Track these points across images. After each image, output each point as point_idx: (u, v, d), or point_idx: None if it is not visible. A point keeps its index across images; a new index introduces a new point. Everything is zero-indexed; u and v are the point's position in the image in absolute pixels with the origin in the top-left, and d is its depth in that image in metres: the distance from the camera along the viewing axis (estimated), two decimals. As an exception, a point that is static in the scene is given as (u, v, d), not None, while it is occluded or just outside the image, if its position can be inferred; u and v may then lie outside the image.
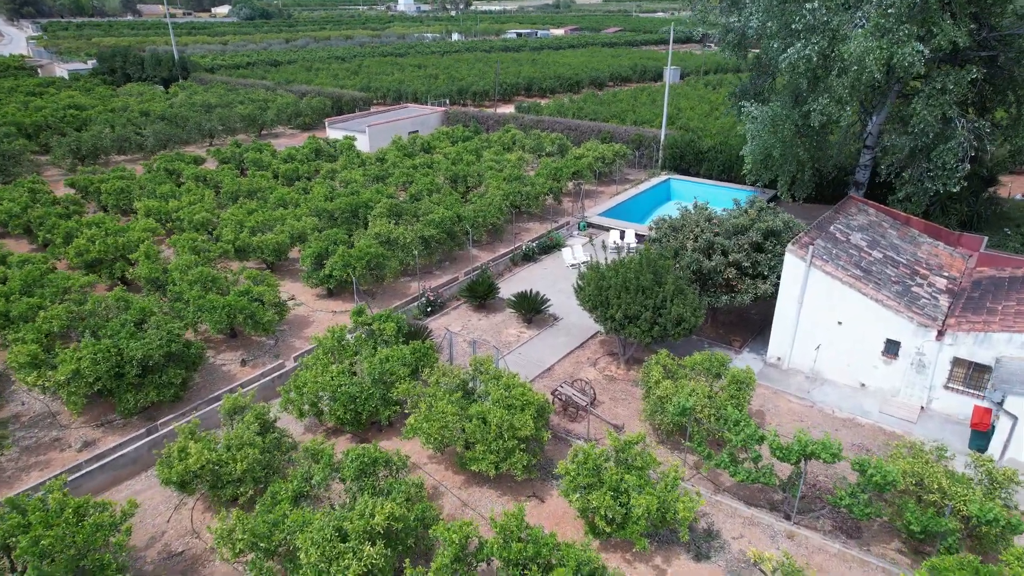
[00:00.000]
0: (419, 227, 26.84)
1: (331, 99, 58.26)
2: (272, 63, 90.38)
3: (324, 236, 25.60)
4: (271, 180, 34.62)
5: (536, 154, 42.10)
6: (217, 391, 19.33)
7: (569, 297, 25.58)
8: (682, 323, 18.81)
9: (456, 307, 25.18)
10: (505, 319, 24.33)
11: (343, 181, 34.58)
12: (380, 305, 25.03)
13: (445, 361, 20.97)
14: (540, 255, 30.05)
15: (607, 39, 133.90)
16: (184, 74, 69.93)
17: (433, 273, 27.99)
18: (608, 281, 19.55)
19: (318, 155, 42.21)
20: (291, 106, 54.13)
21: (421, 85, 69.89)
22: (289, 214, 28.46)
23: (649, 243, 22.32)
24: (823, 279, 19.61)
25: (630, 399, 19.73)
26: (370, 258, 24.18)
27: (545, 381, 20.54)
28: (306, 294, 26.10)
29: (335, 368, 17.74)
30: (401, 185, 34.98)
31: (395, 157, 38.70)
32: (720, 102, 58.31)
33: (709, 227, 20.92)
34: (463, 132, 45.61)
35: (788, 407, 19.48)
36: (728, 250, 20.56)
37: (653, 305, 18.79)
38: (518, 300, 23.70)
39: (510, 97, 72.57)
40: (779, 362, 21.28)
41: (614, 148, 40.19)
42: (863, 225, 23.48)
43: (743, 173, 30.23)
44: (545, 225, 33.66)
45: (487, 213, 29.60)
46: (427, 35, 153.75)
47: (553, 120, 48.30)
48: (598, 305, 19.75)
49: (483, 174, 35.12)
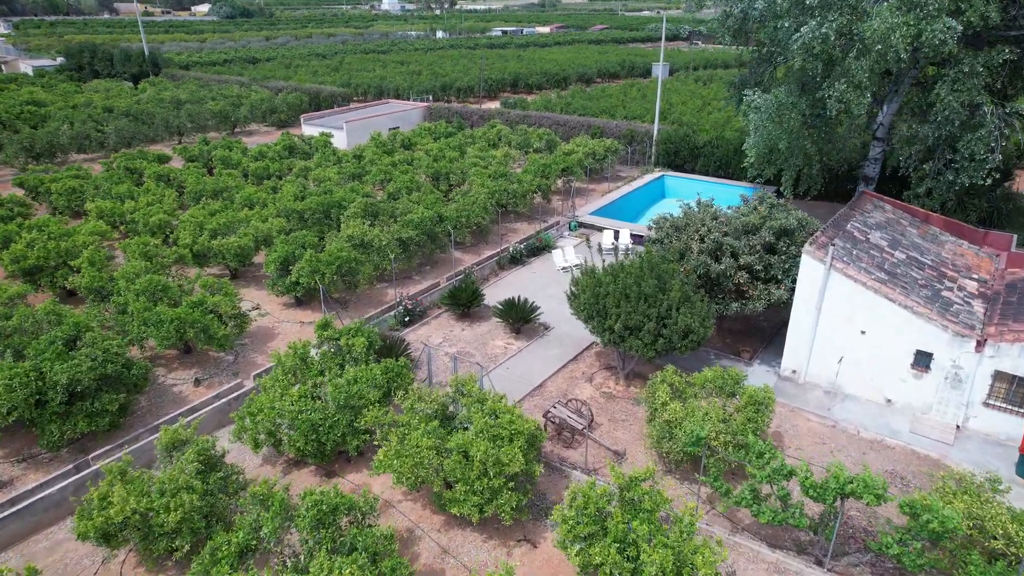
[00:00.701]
0: (396, 228, 24.58)
1: (308, 95, 55.74)
2: (250, 60, 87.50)
3: (291, 239, 23.27)
4: (239, 179, 32.19)
5: (523, 150, 39.94)
6: (166, 415, 17.00)
7: (561, 304, 23.44)
8: (690, 335, 16.71)
9: (437, 316, 22.95)
10: (491, 329, 22.14)
11: (316, 179, 32.23)
12: (353, 314, 22.74)
13: (422, 380, 18.74)
14: (528, 257, 27.89)
15: (593, 37, 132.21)
16: (155, 70, 67.01)
17: (412, 278, 25.72)
18: (605, 288, 17.41)
19: (292, 152, 39.81)
20: (265, 102, 51.57)
21: (403, 81, 67.53)
22: (254, 215, 26.08)
23: (649, 244, 20.22)
24: (844, 283, 17.59)
25: (631, 420, 17.61)
26: (341, 263, 21.90)
27: (536, 400, 18.37)
28: (272, 303, 23.75)
29: (295, 391, 15.47)
30: (379, 183, 32.68)
31: (373, 154, 36.38)
32: (712, 97, 56.54)
33: (716, 226, 18.85)
34: (446, 128, 43.36)
35: (808, 427, 17.45)
36: (738, 252, 18.50)
37: (657, 315, 16.68)
38: (505, 308, 21.52)
39: (495, 93, 70.35)
40: (795, 375, 19.25)
41: (605, 144, 38.12)
42: (881, 223, 21.52)
43: (744, 168, 28.22)
44: (533, 225, 31.51)
45: (471, 213, 27.39)
46: (411, 33, 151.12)
47: (540, 115, 46.16)
48: (594, 315, 17.61)
49: (467, 171, 32.90)
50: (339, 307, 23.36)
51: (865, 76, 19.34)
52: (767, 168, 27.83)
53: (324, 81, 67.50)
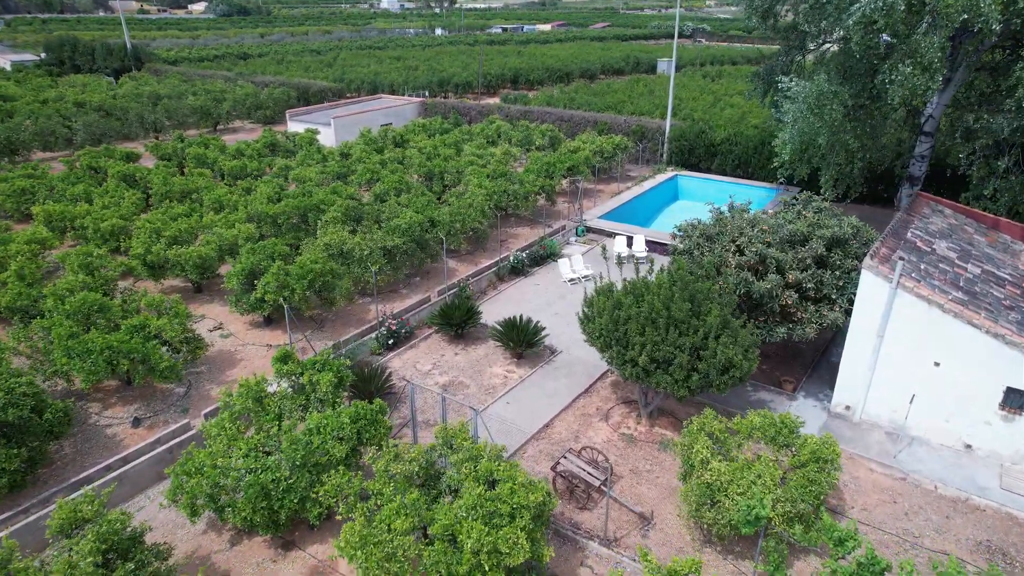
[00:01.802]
0: (380, 235, 21.50)
1: (296, 90, 52.67)
2: (241, 56, 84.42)
3: (258, 248, 20.20)
4: (211, 179, 29.11)
5: (524, 148, 36.86)
6: (94, 464, 13.95)
7: (569, 323, 20.37)
8: (731, 370, 13.64)
9: (426, 337, 19.88)
10: (488, 353, 19.06)
11: (296, 179, 29.15)
12: (329, 335, 19.67)
13: (405, 422, 15.65)
14: (531, 267, 24.82)
15: (595, 34, 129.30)
16: (138, 65, 63.94)
17: (399, 292, 22.65)
18: (626, 311, 14.34)
19: (274, 150, 36.76)
20: (250, 97, 48.49)
21: (399, 76, 64.50)
22: (220, 220, 23.01)
23: (678, 256, 17.13)
24: (915, 305, 14.51)
25: (658, 470, 14.54)
26: (314, 277, 18.83)
27: (542, 445, 15.30)
28: (237, 322, 20.68)
29: (244, 443, 12.41)
30: (365, 184, 29.62)
31: (360, 152, 33.31)
32: (723, 93, 53.54)
33: (758, 236, 15.76)
34: (442, 124, 40.29)
35: (871, 479, 14.37)
36: (784, 266, 15.41)
37: (691, 345, 13.61)
38: (505, 330, 18.45)
39: (495, 90, 67.29)
40: (848, 412, 16.18)
41: (614, 140, 35.04)
42: (944, 230, 18.44)
43: (768, 167, 25.13)
44: (537, 230, 28.43)
45: (466, 216, 24.32)
46: (409, 30, 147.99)
47: (543, 110, 43.08)
48: (612, 343, 14.54)
49: (463, 171, 29.83)
50: (314, 327, 20.30)
51: (937, 55, 16.28)
52: (800, 167, 24.77)
53: (316, 77, 64.48)
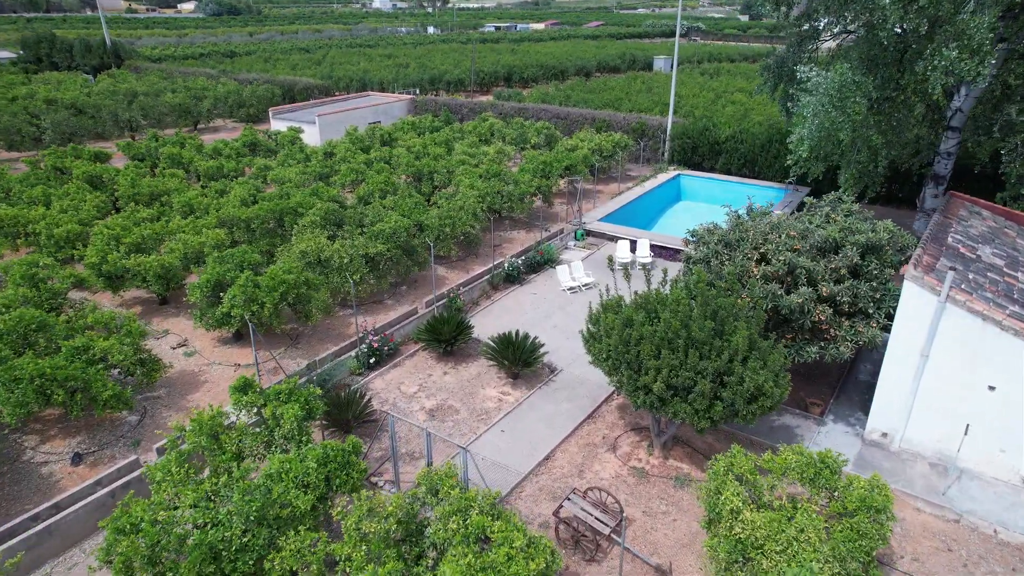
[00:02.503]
0: (361, 241, 19.59)
1: (281, 87, 50.65)
2: (227, 54, 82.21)
3: (226, 256, 18.26)
4: (182, 181, 27.12)
5: (519, 146, 35.01)
6: (20, 513, 12.02)
7: (569, 337, 18.53)
8: (761, 398, 11.82)
9: (412, 354, 17.98)
10: (481, 373, 17.18)
11: (274, 180, 27.21)
12: (305, 353, 17.75)
13: (384, 456, 13.76)
14: (528, 274, 22.96)
15: (589, 32, 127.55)
16: (118, 62, 61.72)
17: (384, 303, 20.74)
18: (639, 329, 12.48)
19: (254, 149, 34.81)
20: (232, 95, 46.43)
21: (389, 74, 62.56)
22: (187, 225, 21.05)
23: (693, 265, 15.30)
24: (967, 321, 12.73)
25: (674, 511, 12.70)
26: (287, 289, 16.91)
27: (542, 481, 13.44)
28: (204, 339, 18.73)
29: (193, 491, 10.51)
30: (349, 185, 27.69)
31: (346, 151, 31.38)
32: (724, 90, 51.90)
33: (785, 243, 13.94)
34: (432, 121, 38.37)
35: (919, 521, 12.57)
36: (816, 277, 13.59)
37: (714, 370, 11.78)
38: (499, 347, 16.58)
39: (488, 87, 65.43)
40: (885, 440, 14.39)
41: (614, 138, 33.22)
42: (985, 235, 16.67)
43: (786, 165, 23.37)
44: (533, 234, 26.57)
45: (457, 220, 22.45)
46: (401, 29, 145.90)
47: (538, 108, 41.23)
48: (622, 366, 12.70)
49: (454, 170, 27.95)
50: (288, 343, 18.37)
51: (987, 36, 14.54)
52: (815, 166, 22.99)
53: (304, 75, 62.49)
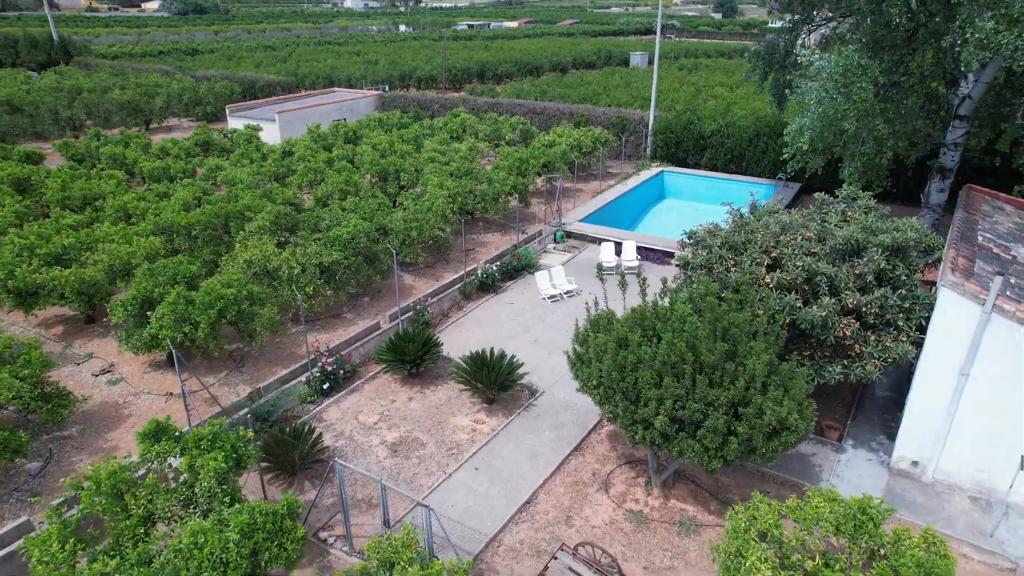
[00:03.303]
0: (314, 249, 17.30)
1: (241, 84, 47.90)
2: (189, 52, 78.86)
3: (158, 268, 15.88)
4: (120, 183, 24.51)
5: (493, 143, 32.90)
6: None
7: (551, 352, 16.47)
8: (784, 433, 9.85)
9: (372, 377, 15.76)
10: (451, 397, 15.03)
11: (225, 181, 24.76)
12: (250, 378, 15.43)
13: (332, 508, 11.53)
14: (504, 282, 20.86)
15: (564, 30, 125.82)
16: (66, 58, 58.32)
17: (342, 317, 18.46)
18: (635, 351, 10.44)
19: (207, 149, 32.22)
20: (188, 92, 43.61)
21: (357, 70, 59.96)
22: (118, 232, 18.57)
23: (689, 271, 13.30)
24: (1015, 333, 10.92)
25: (680, 565, 10.68)
26: (225, 305, 14.59)
27: (523, 531, 11.32)
28: (133, 363, 16.30)
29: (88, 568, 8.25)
30: (307, 185, 25.33)
31: (305, 150, 28.96)
32: (704, 84, 50.37)
33: (802, 245, 12.00)
34: (400, 118, 36.07)
35: (968, 571, 10.71)
36: (839, 285, 11.67)
37: (728, 400, 9.78)
38: (472, 369, 14.44)
39: (460, 84, 63.15)
40: (916, 470, 12.55)
41: (593, 133, 31.26)
42: (1013, 232, 14.96)
43: (784, 158, 21.59)
44: (509, 237, 24.46)
45: (424, 222, 20.26)
46: (372, 27, 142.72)
47: (513, 103, 39.13)
48: (617, 395, 10.65)
49: (422, 169, 25.73)
50: (231, 367, 16.04)
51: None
52: (813, 160, 21.24)
53: (268, 72, 59.63)
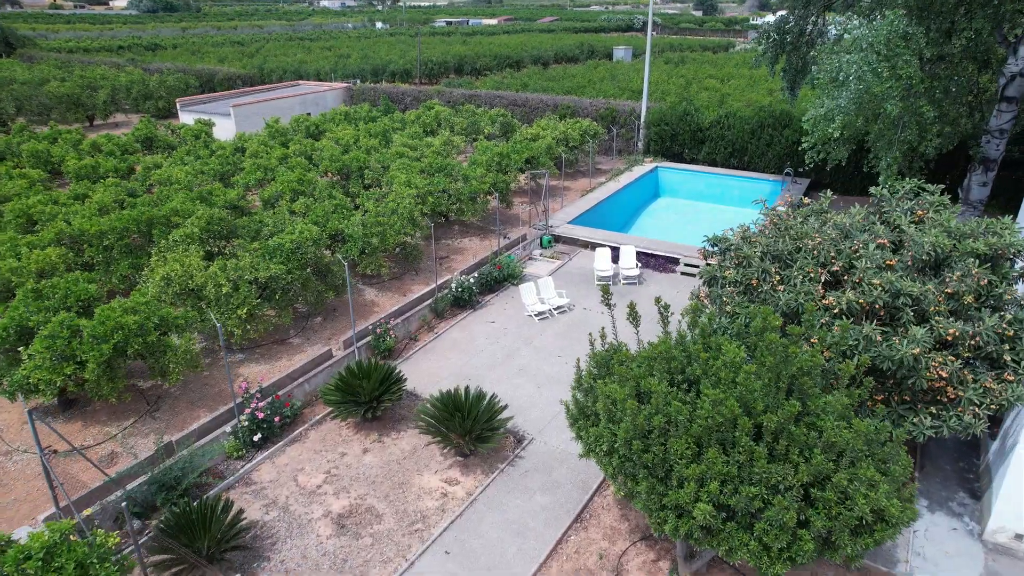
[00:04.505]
0: (249, 261, 14.07)
1: (198, 77, 44.31)
2: (151, 47, 74.75)
3: (45, 290, 12.58)
4: (34, 184, 21.04)
5: (470, 137, 29.81)
6: None
7: (540, 385, 13.44)
8: (879, 527, 6.89)
9: (319, 422, 12.60)
10: (417, 448, 11.92)
11: (159, 181, 21.41)
12: (165, 425, 12.18)
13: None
14: (482, 295, 17.80)
15: (544, 27, 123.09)
16: (8, 50, 54.18)
17: (288, 343, 15.24)
18: (662, 410, 7.41)
19: (150, 146, 28.77)
20: (136, 85, 39.92)
21: (327, 64, 56.53)
22: (5, 243, 15.18)
23: (719, 288, 10.30)
24: None
25: None
26: (124, 337, 11.35)
27: (510, 657, 8.26)
28: (13, 411, 12.96)
29: None
30: (256, 185, 22.03)
31: (258, 146, 25.63)
32: (693, 77, 47.72)
33: (875, 256, 9.05)
34: (369, 111, 32.83)
35: None
36: (927, 308, 8.74)
37: (800, 482, 6.79)
38: (442, 413, 11.35)
39: (437, 78, 59.93)
40: (1022, 545, 9.68)
41: (581, 126, 28.27)
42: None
43: (803, 147, 18.74)
44: (488, 242, 21.38)
45: (388, 227, 17.12)
46: (348, 24, 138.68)
47: (492, 94, 36.05)
48: (639, 469, 7.62)
49: (390, 165, 22.57)
50: (143, 411, 12.77)
51: None
52: (836, 150, 18.42)
53: (233, 67, 55.96)
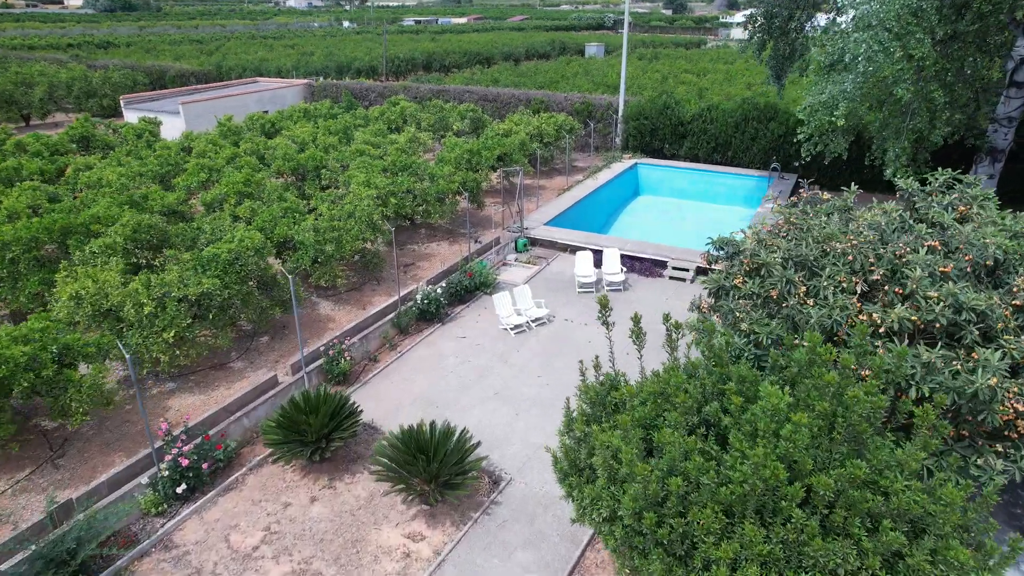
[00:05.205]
0: (175, 276, 12.05)
1: (147, 74, 41.65)
2: (102, 45, 71.30)
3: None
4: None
5: (438, 134, 27.92)
6: None
7: (520, 413, 11.67)
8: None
9: (258, 464, 10.65)
10: (374, 495, 10.05)
11: (87, 184, 19.16)
12: (69, 477, 10.12)
13: None
14: (452, 307, 15.97)
15: (515, 25, 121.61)
16: (-59, 49, 50.85)
17: (228, 368, 13.22)
18: (678, 468, 5.68)
19: (88, 146, 26.35)
20: (79, 82, 37.20)
21: (288, 61, 54.11)
22: None
23: (730, 303, 8.62)
24: None
25: None
26: (12, 373, 9.29)
27: None
28: None
29: None
30: (198, 187, 19.87)
31: (206, 145, 23.42)
32: (670, 72, 46.49)
33: (926, 262, 7.46)
34: (330, 108, 30.74)
35: None
36: (994, 326, 7.15)
37: (866, 568, 5.11)
38: (403, 453, 9.49)
39: (404, 75, 57.89)
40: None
41: (557, 120, 26.58)
42: None
43: (799, 138, 17.25)
44: (458, 247, 19.54)
45: (344, 232, 15.19)
46: (314, 23, 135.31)
47: (461, 89, 34.19)
48: (649, 546, 5.87)
49: (350, 164, 20.61)
50: (47, 458, 10.69)
51: None
52: (835, 141, 16.98)
53: (191, 65, 53.15)
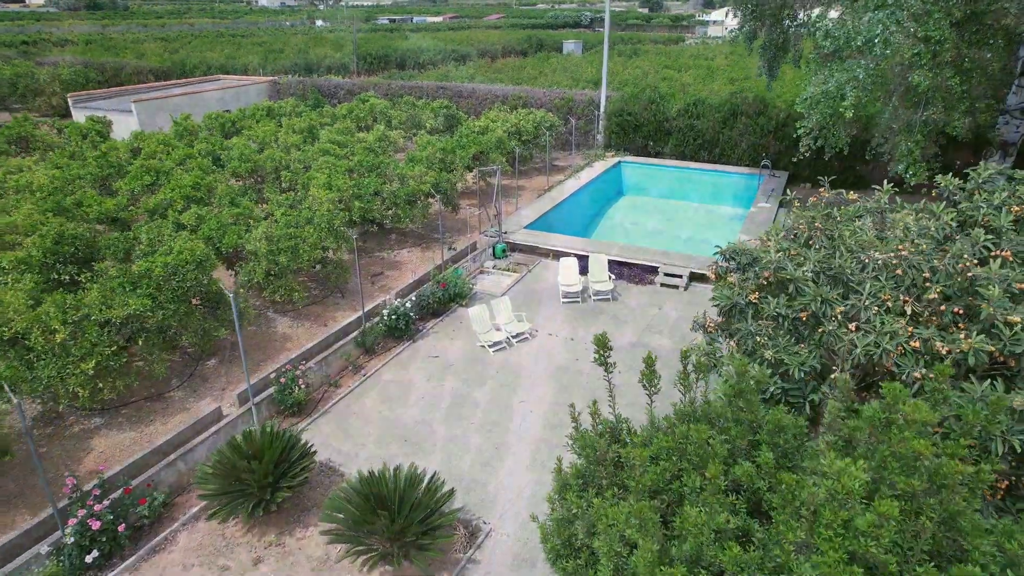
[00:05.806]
0: (96, 296, 10.30)
1: (102, 71, 39.38)
2: (59, 43, 68.33)
3: None
4: None
5: (410, 132, 26.29)
6: None
7: (500, 448, 10.14)
8: None
9: (194, 517, 8.99)
10: (330, 555, 8.44)
11: (15, 188, 17.23)
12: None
13: None
14: (423, 322, 14.38)
15: (491, 24, 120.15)
16: None
17: (165, 399, 11.49)
18: (706, 558, 4.19)
19: (27, 147, 24.30)
20: (23, 79, 34.88)
21: (256, 58, 52.01)
22: None
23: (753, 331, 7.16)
24: None
25: None
26: None
27: None
28: None
29: None
30: (143, 191, 18.02)
31: (156, 146, 21.53)
32: (650, 68, 45.32)
33: (1002, 278, 6.08)
34: (295, 106, 28.92)
35: None
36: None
37: None
38: (362, 507, 7.90)
39: (377, 73, 56.06)
40: None
41: (536, 117, 25.10)
42: None
43: (798, 132, 15.94)
44: (431, 254, 17.93)
45: (301, 240, 13.53)
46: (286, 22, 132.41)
47: (435, 85, 32.57)
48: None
49: (312, 164, 18.90)
50: (-70, 517, 8.91)
51: None
52: (837, 134, 15.71)
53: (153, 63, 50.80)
